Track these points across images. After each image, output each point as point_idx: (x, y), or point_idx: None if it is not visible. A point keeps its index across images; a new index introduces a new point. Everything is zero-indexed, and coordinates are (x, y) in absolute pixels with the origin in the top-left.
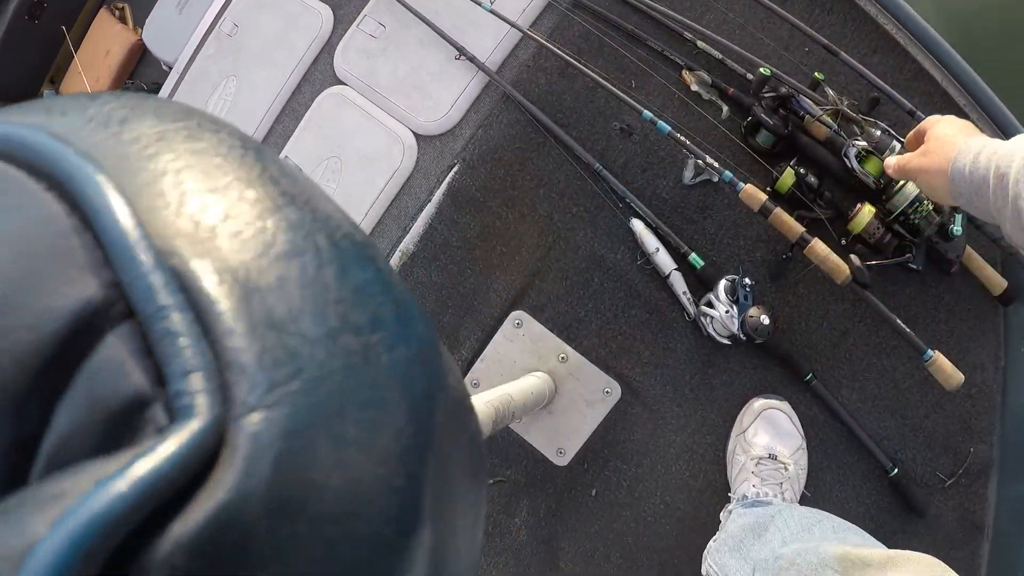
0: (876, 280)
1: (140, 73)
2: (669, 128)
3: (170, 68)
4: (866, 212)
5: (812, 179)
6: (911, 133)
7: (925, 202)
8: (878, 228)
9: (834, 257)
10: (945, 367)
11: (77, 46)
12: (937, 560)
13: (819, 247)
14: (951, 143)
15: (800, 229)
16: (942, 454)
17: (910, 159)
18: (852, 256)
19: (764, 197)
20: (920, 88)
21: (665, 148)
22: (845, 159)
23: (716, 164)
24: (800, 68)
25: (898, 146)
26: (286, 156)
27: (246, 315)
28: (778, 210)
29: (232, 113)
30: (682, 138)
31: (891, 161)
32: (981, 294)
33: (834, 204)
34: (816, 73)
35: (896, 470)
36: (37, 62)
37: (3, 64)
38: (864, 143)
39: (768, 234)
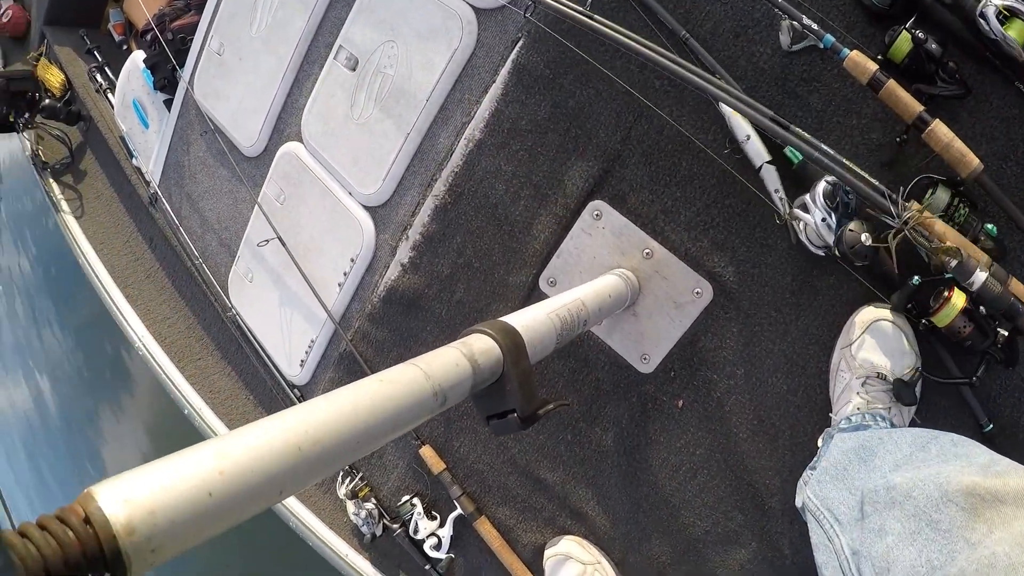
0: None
1: None
2: None
3: None
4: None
5: (934, 46)
6: None
7: None
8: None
9: (959, 144)
10: None
11: None
12: None
13: (941, 130)
14: None
15: (918, 107)
16: None
17: None
18: None
19: (874, 67)
20: None
21: (762, 8)
22: (981, 20)
23: (815, 26)
24: None
25: None
26: (340, 46)
27: None
28: (891, 83)
29: (284, 7)
30: None
31: None
32: None
33: (961, 80)
34: None
35: (991, 426)
36: None
37: None
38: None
39: (886, 113)
